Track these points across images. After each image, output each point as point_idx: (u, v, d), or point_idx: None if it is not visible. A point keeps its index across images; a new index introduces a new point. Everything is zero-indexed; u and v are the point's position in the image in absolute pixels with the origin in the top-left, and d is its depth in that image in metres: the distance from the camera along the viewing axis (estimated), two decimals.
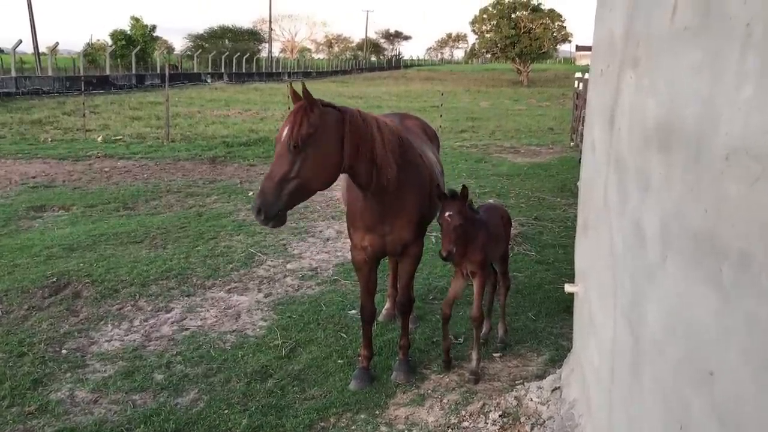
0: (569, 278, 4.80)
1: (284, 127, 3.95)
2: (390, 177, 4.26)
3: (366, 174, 4.21)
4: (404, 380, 4.89)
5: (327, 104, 4.12)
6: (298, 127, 3.88)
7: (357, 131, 4.11)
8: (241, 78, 56.11)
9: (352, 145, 4.08)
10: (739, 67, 1.72)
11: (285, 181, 3.89)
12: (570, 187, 11.63)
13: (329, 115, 4.04)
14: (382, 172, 4.22)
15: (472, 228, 4.62)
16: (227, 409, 4.50)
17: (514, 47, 56.87)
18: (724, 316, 1.80)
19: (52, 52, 37.12)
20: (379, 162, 4.20)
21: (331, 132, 4.01)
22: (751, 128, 1.65)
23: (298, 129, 3.87)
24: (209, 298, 6.52)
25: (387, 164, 4.23)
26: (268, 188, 3.88)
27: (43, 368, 5.01)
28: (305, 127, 3.89)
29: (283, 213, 3.97)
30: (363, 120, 4.20)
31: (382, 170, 4.22)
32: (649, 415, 2.45)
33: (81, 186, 11.90)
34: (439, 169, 5.22)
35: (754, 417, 1.63)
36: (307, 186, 4.01)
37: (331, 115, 4.06)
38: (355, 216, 4.66)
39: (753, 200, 1.63)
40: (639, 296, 2.63)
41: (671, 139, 2.25)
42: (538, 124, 24.44)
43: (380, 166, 4.21)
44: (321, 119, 3.98)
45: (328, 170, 4.06)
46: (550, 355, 5.29)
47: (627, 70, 2.93)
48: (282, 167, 3.89)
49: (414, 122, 5.67)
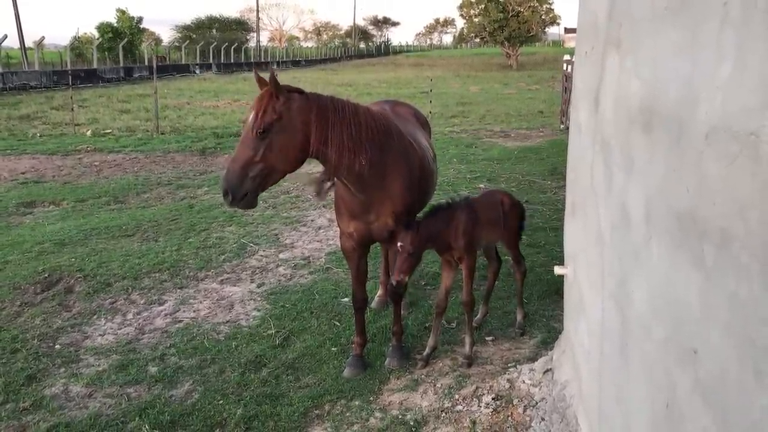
0: (560, 261, 4.83)
1: (249, 112, 4.01)
2: (364, 163, 4.21)
3: (337, 160, 4.17)
4: (398, 366, 4.92)
5: (294, 90, 4.12)
6: (263, 113, 3.92)
7: (324, 117, 4.10)
8: (229, 68, 55.81)
9: (319, 131, 4.08)
10: (718, 45, 1.73)
11: (249, 165, 3.93)
12: (560, 170, 11.64)
13: (294, 102, 4.04)
14: (355, 159, 4.18)
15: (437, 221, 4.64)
16: (222, 399, 4.52)
17: (502, 31, 56.68)
18: (707, 294, 1.82)
19: (38, 46, 36.82)
20: (351, 148, 4.16)
21: (296, 118, 4.02)
22: (729, 107, 1.66)
23: (262, 115, 3.92)
24: (202, 289, 6.53)
25: (361, 151, 4.18)
26: (233, 171, 3.94)
27: (36, 364, 5.01)
28: (269, 114, 3.93)
29: (252, 196, 4.01)
30: (334, 106, 4.18)
31: (355, 157, 4.18)
32: (637, 393, 2.48)
33: (71, 181, 11.84)
34: (432, 155, 5.22)
35: (735, 392, 1.66)
36: (273, 170, 4.04)
37: (296, 101, 4.05)
38: (340, 203, 4.68)
39: (732, 179, 1.64)
40: (626, 277, 2.65)
41: (654, 120, 2.26)
42: (527, 107, 24.43)
43: (352, 152, 4.17)
44: (285, 105, 4.00)
45: (292, 155, 4.07)
46: (541, 338, 5.32)
47: (611, 51, 2.94)
48: (246, 152, 3.94)
49: (405, 109, 5.66)
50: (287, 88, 4.08)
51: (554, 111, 21.43)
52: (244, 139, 3.97)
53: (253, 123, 3.92)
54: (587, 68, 3.57)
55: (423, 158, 4.84)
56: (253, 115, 3.94)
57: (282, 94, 3.99)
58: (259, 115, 3.92)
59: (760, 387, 1.53)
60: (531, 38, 62.21)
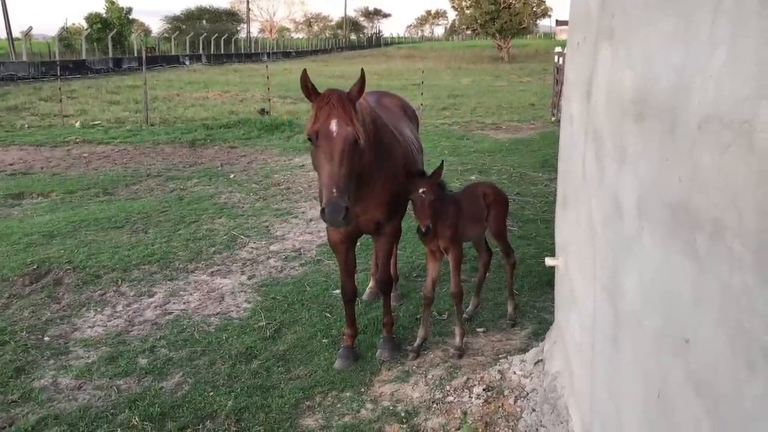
0: (551, 252, 4.83)
1: (331, 121, 3.85)
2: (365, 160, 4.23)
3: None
4: (389, 357, 4.92)
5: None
6: (361, 121, 3.92)
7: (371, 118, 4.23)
8: (219, 59, 55.51)
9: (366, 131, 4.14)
10: (711, 34, 1.72)
11: (352, 174, 3.89)
12: (551, 162, 11.66)
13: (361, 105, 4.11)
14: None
15: (440, 205, 4.65)
16: (212, 391, 4.50)
17: (494, 23, 56.57)
18: (699, 284, 1.82)
19: (26, 36, 36.44)
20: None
21: (367, 119, 4.10)
22: (722, 96, 1.65)
23: (361, 123, 3.91)
24: (192, 281, 6.50)
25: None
26: (343, 185, 3.77)
27: (25, 356, 4.97)
28: (364, 120, 3.97)
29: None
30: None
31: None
32: (629, 384, 2.48)
33: (60, 172, 11.76)
34: (417, 147, 5.19)
35: (727, 382, 1.65)
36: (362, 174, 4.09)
37: (361, 104, 4.12)
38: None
39: (725, 168, 1.64)
40: (618, 268, 2.65)
41: (646, 110, 2.25)
42: (519, 100, 24.43)
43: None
44: (363, 109, 4.09)
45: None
46: (532, 329, 5.33)
47: (603, 41, 2.92)
48: (350, 163, 3.84)
49: (391, 100, 5.63)
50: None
51: (545, 103, 21.45)
52: (341, 150, 3.80)
53: (353, 131, 3.83)
54: (579, 59, 3.56)
55: (407, 151, 4.85)
56: (346, 124, 3.83)
57: (357, 99, 4.02)
58: (355, 122, 3.87)
59: (752, 377, 1.53)
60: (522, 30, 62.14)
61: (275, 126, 16.68)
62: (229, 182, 10.85)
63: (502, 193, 5.42)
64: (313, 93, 3.97)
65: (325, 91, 3.97)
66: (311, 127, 3.88)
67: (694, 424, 1.84)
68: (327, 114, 3.85)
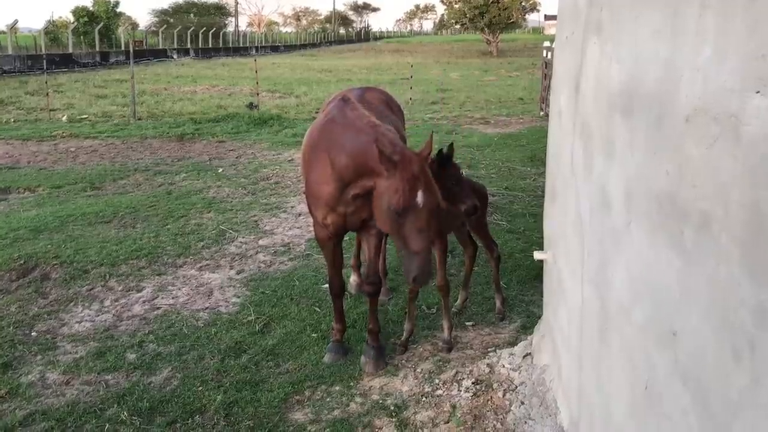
0: (539, 246, 4.84)
1: (418, 189, 3.85)
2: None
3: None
4: (373, 369, 4.67)
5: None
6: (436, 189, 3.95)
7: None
8: (207, 53, 55.19)
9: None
10: (698, 27, 1.73)
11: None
12: (540, 156, 11.68)
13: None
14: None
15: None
16: (201, 386, 4.49)
17: (482, 17, 56.53)
18: (686, 277, 1.83)
19: (11, 30, 36.08)
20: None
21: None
22: (710, 89, 1.66)
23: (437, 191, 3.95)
24: (180, 276, 6.47)
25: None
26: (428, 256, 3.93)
27: (12, 351, 4.94)
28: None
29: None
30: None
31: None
32: (617, 376, 2.50)
33: (46, 167, 11.66)
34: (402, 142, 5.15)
35: (714, 373, 1.67)
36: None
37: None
38: (317, 195, 4.57)
39: (712, 161, 1.65)
40: (605, 261, 2.66)
41: (634, 104, 2.26)
42: (507, 94, 24.45)
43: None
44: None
45: None
46: (521, 323, 5.35)
47: (591, 35, 2.93)
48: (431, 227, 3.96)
49: (376, 95, 5.56)
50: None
51: (534, 98, 21.47)
52: (429, 219, 3.89)
53: (437, 201, 3.94)
54: (567, 53, 3.57)
55: None
56: (429, 191, 3.89)
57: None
58: (436, 189, 3.95)
59: (738, 368, 1.54)
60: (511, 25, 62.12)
61: (264, 120, 16.62)
62: (218, 177, 10.80)
63: (482, 188, 5.44)
64: (389, 163, 3.87)
65: (403, 161, 3.87)
66: (401, 200, 3.81)
67: (681, 415, 1.86)
68: (413, 186, 3.83)
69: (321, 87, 26.02)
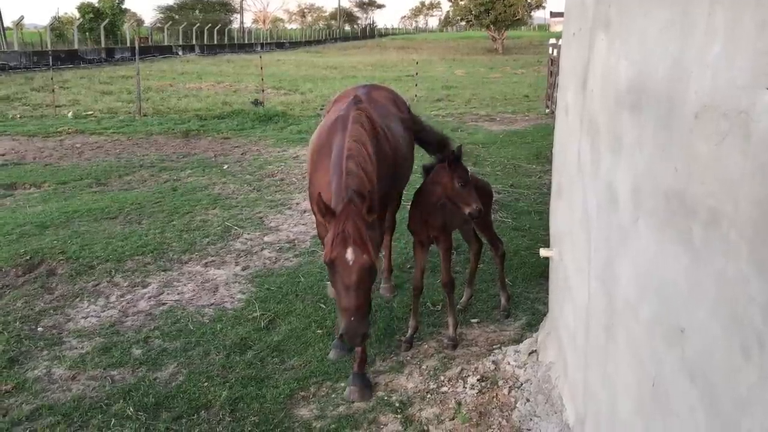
0: (545, 244, 4.84)
1: (347, 248, 3.66)
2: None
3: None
4: (359, 398, 4.29)
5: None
6: (371, 247, 3.70)
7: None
8: (212, 50, 55.24)
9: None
10: (708, 24, 1.72)
11: (369, 296, 3.81)
12: (545, 154, 11.67)
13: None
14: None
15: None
16: (207, 381, 4.50)
17: (488, 14, 56.43)
18: (695, 273, 1.82)
19: (17, 26, 36.21)
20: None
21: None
22: (719, 85, 1.66)
23: (372, 248, 3.70)
24: (186, 272, 6.48)
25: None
26: (362, 312, 3.69)
27: (18, 346, 4.96)
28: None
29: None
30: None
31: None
32: (623, 373, 2.49)
33: (52, 163, 11.69)
34: (407, 141, 5.12)
35: (723, 370, 1.66)
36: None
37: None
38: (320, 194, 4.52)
39: (722, 157, 1.64)
40: (612, 258, 2.66)
41: (642, 100, 2.25)
42: (513, 91, 24.40)
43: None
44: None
45: None
46: (526, 320, 5.35)
47: (599, 32, 2.92)
48: (367, 289, 3.74)
49: (382, 93, 5.55)
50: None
51: (540, 95, 21.42)
52: (358, 280, 3.67)
53: (369, 260, 3.75)
54: (575, 50, 3.56)
55: (396, 148, 4.76)
56: (363, 252, 3.71)
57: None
58: (370, 249, 3.78)
59: (747, 364, 1.54)
60: (517, 22, 61.97)
61: (269, 117, 16.62)
62: (223, 173, 10.81)
63: (486, 185, 5.43)
64: (328, 214, 3.75)
65: (340, 214, 3.72)
66: (328, 253, 3.68)
67: (689, 412, 1.85)
68: (343, 241, 3.64)
69: (326, 84, 26.00)
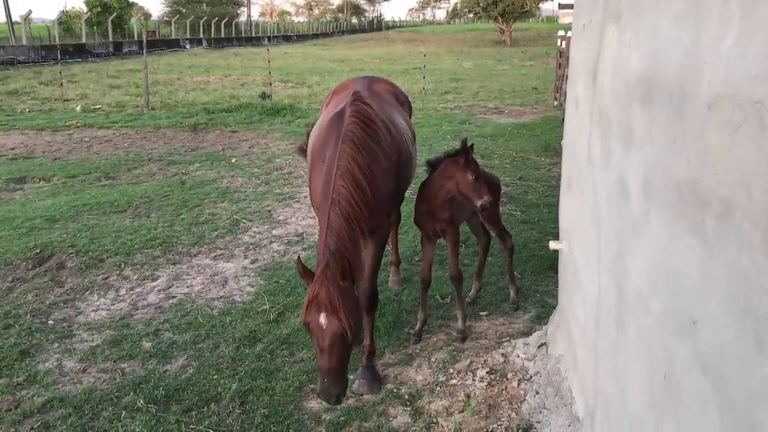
0: (554, 237, 4.82)
1: (319, 314, 3.56)
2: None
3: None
4: (368, 391, 4.32)
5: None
6: (343, 314, 3.56)
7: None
8: (220, 43, 55.23)
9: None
10: (722, 14, 1.70)
11: (344, 360, 3.69)
12: (554, 146, 11.63)
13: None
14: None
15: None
16: (216, 374, 4.52)
17: (496, 6, 56.15)
18: (707, 265, 1.81)
19: (25, 20, 36.25)
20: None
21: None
22: (733, 76, 1.64)
23: (344, 315, 3.56)
24: (195, 265, 6.50)
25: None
26: (335, 374, 3.59)
27: (30, 339, 4.99)
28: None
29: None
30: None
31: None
32: (634, 366, 2.49)
33: (61, 156, 11.74)
34: (410, 136, 5.05)
35: (736, 362, 1.65)
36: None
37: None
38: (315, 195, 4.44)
39: (735, 148, 1.63)
40: (623, 250, 2.65)
41: (653, 92, 2.24)
42: (521, 84, 24.31)
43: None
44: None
45: None
46: (535, 313, 5.34)
47: (609, 24, 2.90)
48: (340, 352, 3.61)
49: (383, 86, 5.48)
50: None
51: (548, 87, 21.35)
52: (331, 345, 3.57)
53: (341, 326, 3.62)
54: (585, 41, 3.53)
55: (399, 143, 4.64)
56: (336, 319, 3.60)
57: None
58: (342, 317, 3.64)
59: (760, 356, 1.53)
60: (525, 14, 61.65)
61: (276, 110, 16.62)
62: (231, 167, 10.83)
63: (494, 178, 5.42)
64: (305, 277, 3.71)
65: (316, 279, 3.62)
66: (303, 317, 3.63)
67: (701, 405, 1.85)
68: (316, 306, 3.57)
69: (333, 77, 25.95)
